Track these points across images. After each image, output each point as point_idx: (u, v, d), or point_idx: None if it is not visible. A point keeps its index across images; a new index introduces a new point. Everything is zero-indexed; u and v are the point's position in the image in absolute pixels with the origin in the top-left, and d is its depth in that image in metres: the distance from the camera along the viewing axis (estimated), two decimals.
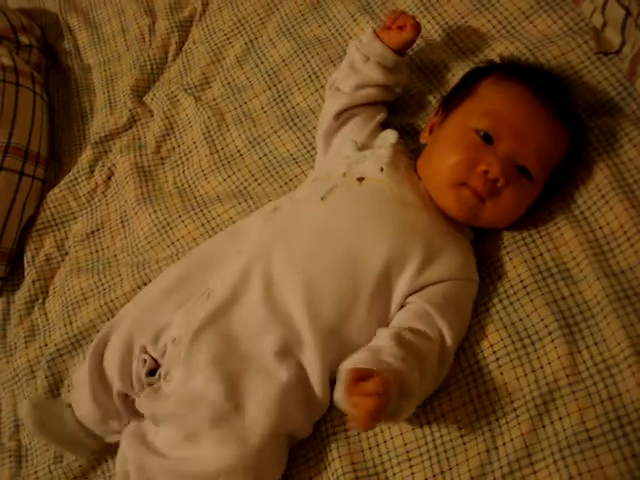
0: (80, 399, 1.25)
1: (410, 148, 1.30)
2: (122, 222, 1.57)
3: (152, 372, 1.19)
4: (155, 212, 1.49)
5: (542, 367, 1.05)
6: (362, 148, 1.27)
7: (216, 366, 1.09)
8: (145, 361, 1.18)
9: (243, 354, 1.10)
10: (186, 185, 1.54)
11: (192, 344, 1.12)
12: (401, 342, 1.03)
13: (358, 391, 0.94)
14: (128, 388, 1.20)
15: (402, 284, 1.11)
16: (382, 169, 1.19)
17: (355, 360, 1.01)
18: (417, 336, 1.06)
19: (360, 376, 0.95)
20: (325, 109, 1.35)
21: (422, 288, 1.11)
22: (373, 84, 1.31)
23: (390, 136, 1.26)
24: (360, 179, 1.19)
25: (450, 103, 1.23)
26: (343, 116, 1.32)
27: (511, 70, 1.20)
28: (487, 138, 1.12)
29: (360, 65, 1.31)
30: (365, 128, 1.29)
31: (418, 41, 1.42)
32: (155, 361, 1.19)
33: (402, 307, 1.12)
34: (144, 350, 1.19)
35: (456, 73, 1.35)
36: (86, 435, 1.26)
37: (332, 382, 1.10)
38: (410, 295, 1.11)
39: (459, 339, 1.11)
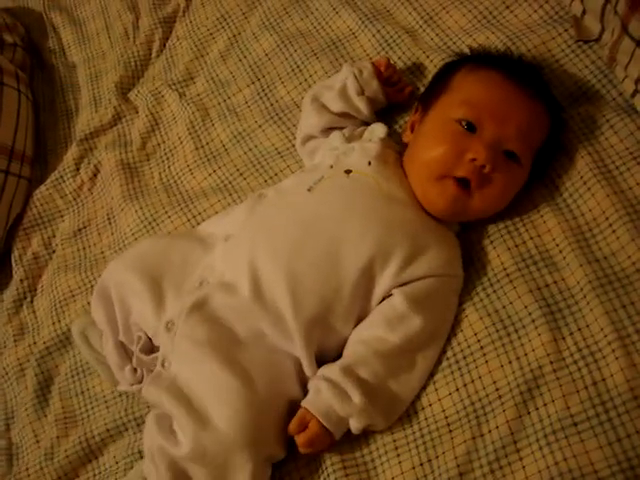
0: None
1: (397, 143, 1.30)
2: (109, 219, 1.57)
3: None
4: (141, 208, 1.49)
5: (526, 354, 1.05)
6: (350, 140, 1.27)
7: (211, 348, 1.09)
8: (140, 338, 1.20)
9: (236, 338, 1.12)
10: (172, 181, 1.54)
11: (184, 328, 1.12)
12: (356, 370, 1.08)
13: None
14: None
15: (385, 279, 1.10)
16: (370, 163, 1.19)
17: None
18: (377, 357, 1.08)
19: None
20: (309, 122, 1.35)
21: (407, 283, 1.11)
22: (357, 115, 1.32)
23: (379, 130, 1.26)
24: (347, 172, 1.19)
25: (427, 100, 1.23)
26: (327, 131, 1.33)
27: (482, 60, 1.21)
28: (470, 126, 1.12)
29: (353, 95, 1.31)
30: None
31: (400, 32, 1.43)
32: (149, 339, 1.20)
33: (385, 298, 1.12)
34: (138, 327, 1.20)
35: (438, 65, 1.34)
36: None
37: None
38: (395, 288, 1.11)
39: (440, 332, 1.11)
